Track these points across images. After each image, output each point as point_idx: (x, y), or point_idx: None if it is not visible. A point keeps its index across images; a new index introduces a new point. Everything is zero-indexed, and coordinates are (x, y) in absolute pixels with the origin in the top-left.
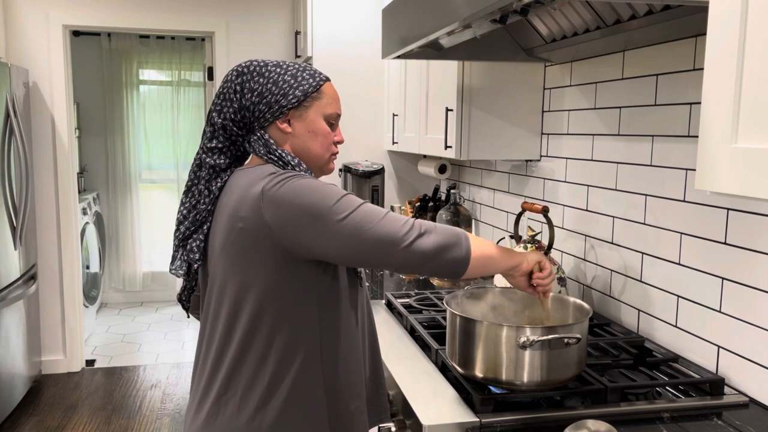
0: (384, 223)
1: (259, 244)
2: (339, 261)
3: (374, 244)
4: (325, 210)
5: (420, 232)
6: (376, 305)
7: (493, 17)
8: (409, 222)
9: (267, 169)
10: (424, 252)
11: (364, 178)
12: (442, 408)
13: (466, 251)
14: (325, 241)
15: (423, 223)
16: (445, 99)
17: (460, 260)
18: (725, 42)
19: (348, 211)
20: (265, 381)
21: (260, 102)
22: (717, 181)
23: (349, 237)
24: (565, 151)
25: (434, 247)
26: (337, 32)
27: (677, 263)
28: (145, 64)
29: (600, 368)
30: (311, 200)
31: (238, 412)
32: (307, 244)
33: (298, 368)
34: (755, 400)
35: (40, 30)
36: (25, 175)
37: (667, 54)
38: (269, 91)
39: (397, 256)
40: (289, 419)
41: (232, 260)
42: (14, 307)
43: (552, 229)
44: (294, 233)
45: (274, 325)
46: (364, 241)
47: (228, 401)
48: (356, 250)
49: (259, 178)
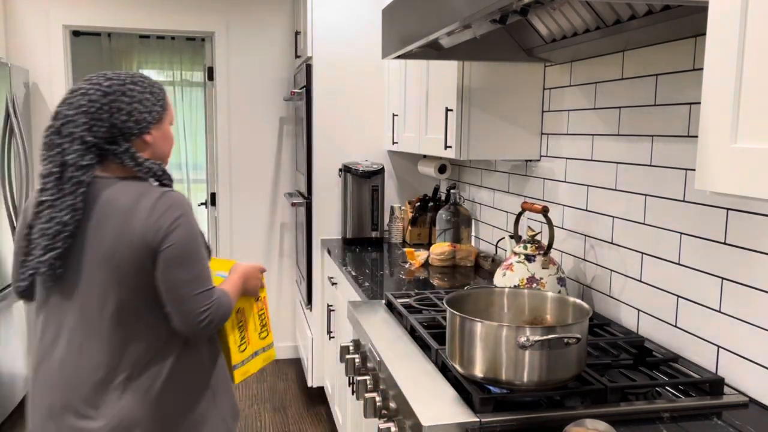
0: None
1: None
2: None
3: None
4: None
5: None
6: (375, 305)
7: (493, 17)
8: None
9: (147, 190)
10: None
11: (364, 178)
12: (442, 408)
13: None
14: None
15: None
16: (445, 99)
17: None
18: (725, 42)
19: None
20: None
21: (129, 120)
22: (717, 181)
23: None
24: (565, 151)
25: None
26: (337, 32)
27: (677, 263)
28: (145, 64)
29: (600, 368)
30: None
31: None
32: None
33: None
34: (755, 400)
35: (40, 30)
36: (25, 175)
37: (667, 54)
38: (136, 110)
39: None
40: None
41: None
42: (14, 307)
43: (552, 229)
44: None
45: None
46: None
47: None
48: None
49: (144, 202)
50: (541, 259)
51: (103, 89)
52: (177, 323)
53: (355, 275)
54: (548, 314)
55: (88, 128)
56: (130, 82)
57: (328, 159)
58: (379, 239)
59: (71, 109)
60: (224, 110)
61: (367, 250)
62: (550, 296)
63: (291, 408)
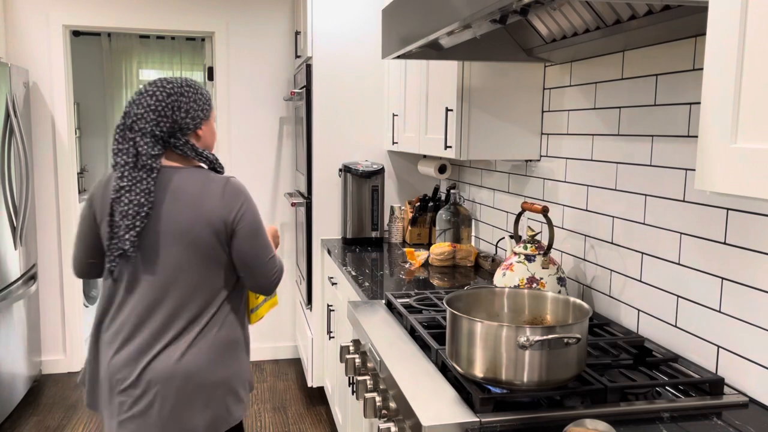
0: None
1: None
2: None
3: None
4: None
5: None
6: (375, 305)
7: (493, 17)
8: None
9: (210, 177)
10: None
11: (364, 178)
12: (442, 408)
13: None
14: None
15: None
16: (444, 99)
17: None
18: (725, 42)
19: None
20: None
21: (186, 116)
22: (717, 181)
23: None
24: (565, 151)
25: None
26: (337, 32)
27: (677, 263)
28: (145, 64)
29: (600, 368)
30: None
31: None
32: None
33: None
34: (755, 400)
35: (40, 30)
36: (25, 175)
37: (667, 54)
38: (192, 108)
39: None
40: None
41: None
42: (14, 307)
43: (552, 229)
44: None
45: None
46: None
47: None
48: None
49: (216, 184)
50: (541, 259)
51: (167, 91)
52: (255, 283)
53: (355, 275)
54: (548, 314)
55: (156, 123)
56: (185, 85)
57: (328, 159)
58: (379, 239)
59: (140, 108)
60: (224, 110)
61: (367, 250)
62: (550, 296)
63: (291, 408)
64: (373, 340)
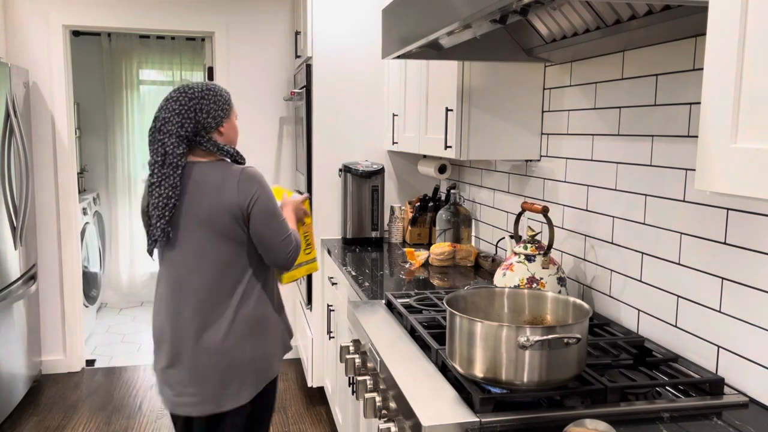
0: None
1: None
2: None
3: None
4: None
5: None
6: (376, 305)
7: (493, 17)
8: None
9: (229, 168)
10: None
11: (364, 178)
12: (442, 408)
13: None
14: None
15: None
16: (444, 99)
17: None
18: (725, 42)
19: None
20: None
21: (208, 117)
22: (717, 181)
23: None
24: (565, 151)
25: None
26: (337, 32)
27: (677, 263)
28: (145, 64)
29: (600, 368)
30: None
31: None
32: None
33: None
34: (755, 400)
35: (40, 30)
36: (25, 175)
37: (667, 54)
38: (213, 110)
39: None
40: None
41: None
42: (14, 307)
43: (552, 229)
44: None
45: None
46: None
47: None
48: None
49: (233, 174)
50: (541, 259)
51: (188, 96)
52: (272, 259)
53: (355, 275)
54: (548, 314)
55: (180, 125)
56: (206, 89)
57: (328, 159)
58: (379, 239)
59: (167, 113)
60: None
61: (367, 250)
62: (550, 296)
63: (291, 408)
64: (373, 340)
